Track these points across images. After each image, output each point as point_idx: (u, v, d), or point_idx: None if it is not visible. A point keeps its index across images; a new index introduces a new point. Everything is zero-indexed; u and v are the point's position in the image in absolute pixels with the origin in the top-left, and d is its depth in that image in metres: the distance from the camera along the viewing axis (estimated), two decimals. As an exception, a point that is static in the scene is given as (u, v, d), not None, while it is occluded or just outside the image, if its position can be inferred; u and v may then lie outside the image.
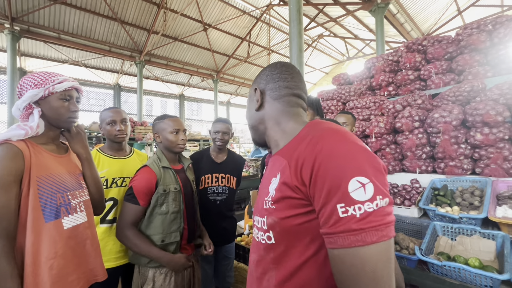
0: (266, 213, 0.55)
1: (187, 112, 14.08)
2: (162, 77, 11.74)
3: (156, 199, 1.21)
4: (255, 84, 0.70)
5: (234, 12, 9.27)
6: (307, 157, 0.48)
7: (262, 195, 0.60)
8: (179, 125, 1.32)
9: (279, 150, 0.61)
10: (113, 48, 9.04)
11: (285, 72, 0.67)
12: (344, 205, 0.42)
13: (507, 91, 1.67)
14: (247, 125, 0.75)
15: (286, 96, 0.65)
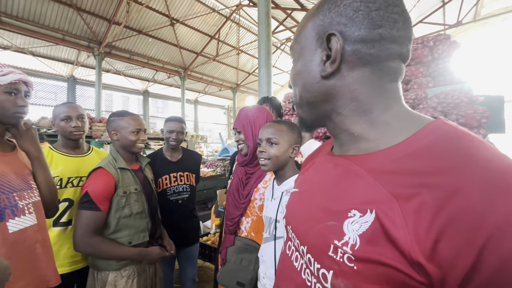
0: (333, 267, 0.34)
1: (151, 109, 13.43)
2: (124, 71, 11.03)
3: (117, 202, 1.16)
4: (325, 22, 0.38)
5: (203, 9, 9.10)
6: (462, 221, 0.25)
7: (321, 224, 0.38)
8: (140, 125, 1.27)
9: (363, 157, 0.37)
10: (67, 37, 8.23)
11: (394, 6, 0.36)
12: None
13: (443, 100, 1.93)
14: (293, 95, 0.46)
15: (388, 60, 0.36)
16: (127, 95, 12.58)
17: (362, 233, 0.32)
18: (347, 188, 0.37)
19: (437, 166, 0.29)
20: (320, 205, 0.40)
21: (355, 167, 0.37)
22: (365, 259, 0.31)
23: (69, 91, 10.19)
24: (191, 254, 1.74)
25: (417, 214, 0.28)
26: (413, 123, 0.35)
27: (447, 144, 0.30)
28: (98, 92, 8.77)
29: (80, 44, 8.58)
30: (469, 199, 0.25)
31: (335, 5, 0.37)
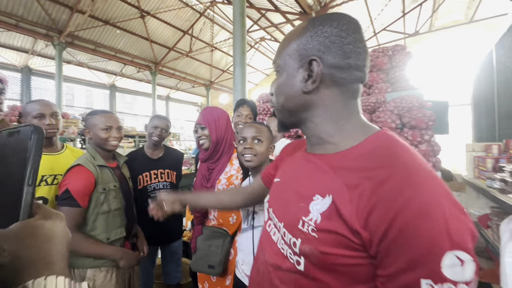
0: (301, 236, 0.45)
1: (119, 105, 12.72)
2: (88, 64, 10.30)
3: (96, 199, 1.18)
4: (307, 46, 0.47)
5: (176, 3, 8.84)
6: (384, 202, 0.37)
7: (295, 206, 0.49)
8: (111, 122, 1.28)
9: (327, 156, 0.49)
10: (21, 23, 7.47)
11: (360, 43, 0.46)
12: (431, 281, 0.33)
13: (399, 104, 2.17)
14: (274, 101, 0.56)
15: (353, 83, 0.48)
16: (91, 89, 11.76)
17: (322, 212, 0.44)
18: (315, 179, 0.48)
19: (373, 165, 0.42)
20: (295, 191, 0.52)
21: (321, 164, 0.49)
22: (323, 229, 0.43)
23: (23, 82, 9.27)
24: (173, 250, 1.77)
25: (359, 198, 0.40)
26: (364, 132, 0.48)
27: (382, 150, 0.43)
28: (58, 85, 8.10)
29: (36, 31, 7.84)
30: (388, 188, 0.38)
31: (316, 35, 0.46)
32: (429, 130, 2.01)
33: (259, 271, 0.57)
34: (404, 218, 0.35)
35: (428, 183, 0.37)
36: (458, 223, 0.35)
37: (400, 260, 0.35)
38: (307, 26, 0.48)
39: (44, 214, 0.32)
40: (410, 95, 2.18)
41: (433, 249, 0.33)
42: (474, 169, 2.37)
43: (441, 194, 0.37)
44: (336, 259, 0.42)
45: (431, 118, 1.98)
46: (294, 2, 6.92)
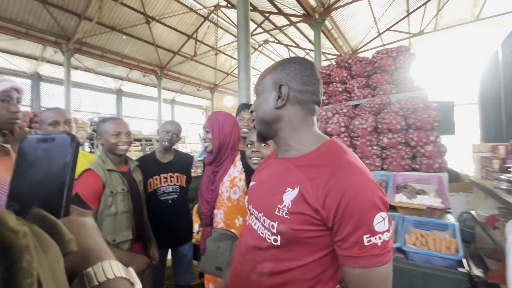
0: (277, 220, 0.61)
1: (125, 109, 12.92)
2: (96, 69, 10.50)
3: (104, 201, 1.22)
4: (278, 77, 0.66)
5: (180, 8, 8.97)
6: (334, 188, 0.54)
7: (271, 198, 0.64)
8: (120, 128, 1.33)
9: (293, 159, 0.65)
10: (31, 31, 7.68)
11: (314, 76, 0.66)
12: (369, 235, 0.52)
13: (404, 105, 2.17)
14: (255, 116, 0.73)
15: (310, 103, 0.66)
16: (98, 94, 11.97)
17: (292, 199, 0.60)
18: (285, 176, 0.65)
19: (325, 163, 0.60)
20: (270, 187, 0.68)
21: (289, 165, 0.66)
22: (294, 212, 0.59)
23: (33, 88, 9.51)
24: (184, 253, 1.80)
25: (317, 186, 0.57)
26: (318, 140, 0.66)
27: (330, 153, 0.62)
28: (67, 91, 8.29)
29: (46, 39, 8.05)
30: (336, 178, 0.56)
31: (285, 69, 0.66)
32: (434, 131, 2.00)
33: (241, 253, 0.71)
34: (347, 197, 0.53)
35: (359, 174, 0.56)
36: (378, 196, 0.54)
37: (348, 226, 0.53)
38: (279, 64, 0.68)
39: (79, 212, 0.36)
40: (415, 96, 2.18)
41: (367, 215, 0.52)
42: (481, 169, 2.35)
43: (367, 180, 0.56)
44: (304, 233, 0.58)
45: (436, 119, 1.98)
46: (297, 5, 6.95)
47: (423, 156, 2.04)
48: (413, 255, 1.39)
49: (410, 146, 2.10)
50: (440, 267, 1.31)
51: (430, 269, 1.33)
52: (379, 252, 0.52)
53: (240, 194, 1.30)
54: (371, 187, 0.55)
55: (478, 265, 1.87)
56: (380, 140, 2.18)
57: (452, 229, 1.52)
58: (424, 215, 1.68)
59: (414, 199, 1.76)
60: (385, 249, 0.53)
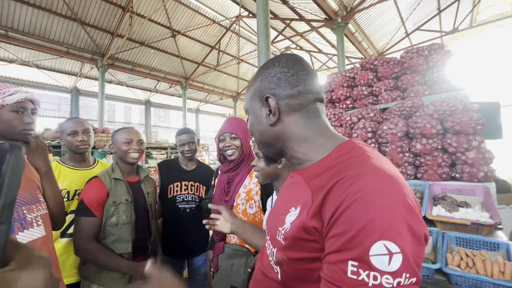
0: (276, 246, 0.50)
1: (153, 119, 13.56)
2: (127, 82, 11.20)
3: (106, 210, 1.21)
4: (261, 88, 0.55)
5: (204, 21, 9.31)
6: (335, 196, 0.40)
7: (277, 220, 0.53)
8: (131, 136, 1.33)
9: (303, 170, 0.53)
10: (71, 50, 8.43)
11: (302, 71, 0.53)
12: (357, 265, 0.35)
13: (439, 108, 1.97)
14: (255, 138, 0.61)
15: (309, 105, 0.53)
16: (129, 105, 12.73)
17: (292, 221, 0.47)
18: (292, 193, 0.54)
19: (334, 170, 0.45)
20: (279, 206, 0.58)
21: (298, 177, 0.54)
22: (289, 236, 0.47)
23: (72, 102, 10.35)
24: (199, 264, 1.75)
25: (317, 197, 0.43)
26: (333, 143, 0.52)
27: (343, 157, 0.47)
28: (101, 103, 8.91)
29: (84, 56, 8.78)
30: (340, 184, 0.41)
31: (265, 77, 0.55)
32: (477, 135, 1.78)
33: (256, 281, 0.62)
34: (347, 203, 0.38)
35: (377, 176, 0.40)
36: (399, 216, 0.36)
37: (336, 241, 0.38)
38: (258, 73, 0.57)
39: (22, 260, 0.24)
40: (452, 97, 1.97)
41: (364, 235, 0.35)
42: (538, 179, 2.04)
43: (386, 188, 0.38)
44: (303, 264, 0.45)
45: (479, 121, 1.75)
46: (318, 10, 6.85)
47: (464, 163, 1.81)
48: (458, 279, 1.20)
49: (448, 152, 1.88)
50: (492, 294, 1.11)
51: (480, 297, 1.13)
52: None
53: (256, 209, 1.21)
54: (391, 197, 0.37)
55: (539, 292, 1.59)
56: (413, 146, 1.99)
57: (505, 248, 1.30)
58: (469, 231, 1.46)
59: (455, 213, 1.55)
60: None
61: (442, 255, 1.32)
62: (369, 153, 0.46)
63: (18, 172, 0.23)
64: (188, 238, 1.66)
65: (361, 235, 0.35)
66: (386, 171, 0.41)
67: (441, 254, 1.33)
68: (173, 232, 1.58)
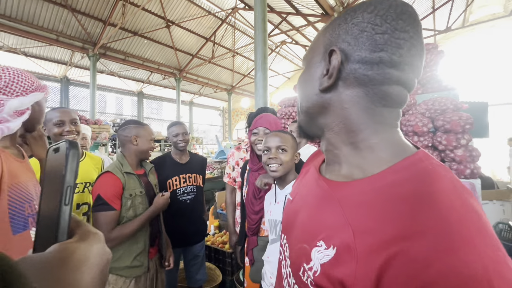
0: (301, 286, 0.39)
1: (146, 111, 13.38)
2: (119, 73, 10.97)
3: (123, 204, 1.23)
4: (332, 37, 0.39)
5: (199, 12, 9.15)
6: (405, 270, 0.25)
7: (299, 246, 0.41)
8: (153, 134, 1.42)
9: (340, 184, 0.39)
10: (61, 38, 8.16)
11: (402, 32, 0.34)
12: None
13: (431, 107, 2.04)
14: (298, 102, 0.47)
15: (385, 84, 0.36)
16: (121, 96, 12.50)
17: (323, 263, 0.34)
18: (322, 214, 0.39)
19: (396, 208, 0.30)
20: (303, 223, 0.43)
21: (330, 193, 0.39)
22: (320, 285, 0.34)
23: (62, 92, 10.09)
24: (196, 253, 1.81)
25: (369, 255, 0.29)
26: (395, 153, 0.36)
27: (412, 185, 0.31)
28: (92, 93, 8.71)
29: (74, 45, 8.52)
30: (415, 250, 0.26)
31: (345, 22, 0.38)
32: (466, 134, 1.86)
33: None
34: (430, 277, 0.24)
35: (477, 249, 0.25)
36: None
37: None
38: (340, 16, 0.40)
39: (82, 234, 0.29)
40: (444, 97, 2.04)
41: None
42: (520, 176, 2.15)
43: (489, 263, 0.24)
44: None
45: (468, 121, 1.83)
46: (315, 4, 6.84)
47: (452, 160, 1.89)
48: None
49: (438, 150, 1.96)
50: (474, 283, 1.19)
51: None
52: None
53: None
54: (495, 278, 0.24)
55: (516, 281, 1.70)
56: (405, 143, 2.06)
57: (488, 241, 1.39)
58: (455, 225, 1.55)
59: (443, 207, 1.63)
60: None
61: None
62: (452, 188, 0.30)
63: (75, 162, 0.28)
64: (188, 227, 1.71)
65: None
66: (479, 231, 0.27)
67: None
68: (174, 223, 1.63)
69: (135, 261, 1.23)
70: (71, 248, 0.26)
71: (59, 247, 0.26)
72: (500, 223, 2.43)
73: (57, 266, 0.24)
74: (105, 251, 0.30)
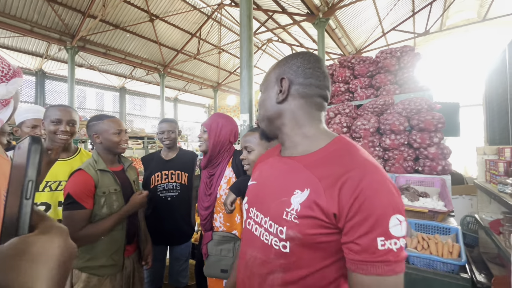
0: (286, 224, 0.56)
1: (128, 107, 12.97)
2: (100, 67, 10.55)
3: (96, 202, 1.20)
4: (280, 71, 0.64)
5: (184, 6, 8.96)
6: (349, 187, 0.50)
7: (277, 201, 0.60)
8: (121, 126, 1.34)
9: (300, 157, 0.61)
10: (36, 28, 7.73)
11: (319, 69, 0.62)
12: (384, 239, 0.47)
13: (407, 106, 2.14)
14: (259, 115, 0.71)
15: (314, 97, 0.62)
16: (102, 92, 12.04)
17: (301, 202, 0.56)
18: (292, 177, 0.60)
19: (337, 161, 0.56)
20: (276, 188, 0.63)
21: (296, 164, 0.61)
22: (303, 216, 0.55)
23: (37, 86, 9.57)
24: (181, 253, 1.79)
25: (330, 187, 0.53)
26: (327, 137, 0.63)
27: (342, 151, 0.58)
28: (70, 88, 8.32)
29: (50, 36, 8.09)
30: (352, 177, 0.51)
31: (287, 64, 0.64)
32: (438, 132, 1.97)
33: (247, 265, 0.66)
34: (364, 196, 0.49)
35: (377, 172, 0.52)
36: (396, 196, 0.51)
37: (362, 227, 0.49)
38: (282, 60, 0.66)
39: (43, 228, 0.29)
40: (419, 97, 2.14)
41: (384, 215, 0.48)
42: (486, 172, 2.30)
43: (385, 179, 0.52)
44: (316, 238, 0.54)
45: (440, 120, 1.94)
46: (301, 4, 6.90)
47: (426, 158, 2.00)
48: (414, 259, 1.36)
49: (413, 147, 2.07)
50: (442, 272, 1.28)
51: (432, 274, 1.30)
52: (393, 259, 0.47)
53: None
54: (389, 186, 0.50)
55: (481, 270, 1.83)
56: (383, 141, 2.15)
57: (455, 233, 1.49)
58: (426, 218, 1.64)
59: (416, 202, 1.73)
60: (399, 257, 0.48)
61: (403, 239, 1.48)
62: (361, 150, 0.58)
63: (37, 157, 0.29)
64: (170, 225, 1.69)
65: (381, 216, 0.48)
66: (377, 166, 0.54)
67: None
68: (156, 220, 1.61)
69: (109, 259, 1.21)
70: (30, 241, 0.26)
71: (18, 240, 0.26)
72: (468, 216, 2.60)
73: (13, 258, 0.24)
74: (67, 244, 0.30)
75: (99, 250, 1.19)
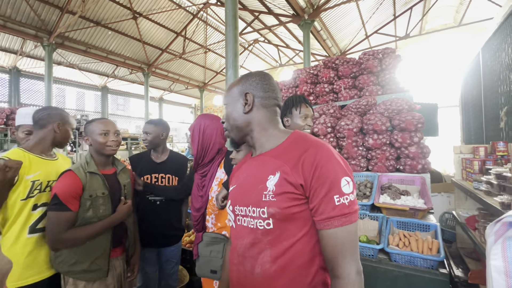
0: (266, 204, 0.67)
1: (111, 107, 12.58)
2: (80, 65, 10.15)
3: (82, 205, 1.17)
4: (243, 87, 0.78)
5: (169, 5, 8.80)
6: (308, 161, 0.65)
7: (256, 189, 0.71)
8: (108, 127, 1.30)
9: (267, 152, 0.75)
10: (9, 23, 7.33)
11: (273, 85, 0.80)
12: (338, 196, 0.61)
13: (389, 107, 2.19)
14: (227, 125, 0.83)
15: (272, 106, 0.79)
16: (82, 91, 11.60)
17: (275, 183, 0.68)
18: (264, 167, 0.73)
19: (296, 146, 0.71)
20: (253, 181, 0.74)
21: (266, 157, 0.75)
22: (279, 193, 0.67)
23: (11, 84, 9.08)
24: (170, 256, 1.74)
25: (294, 165, 0.67)
26: (285, 134, 0.77)
27: (298, 140, 0.72)
28: (48, 87, 7.94)
29: (25, 32, 7.69)
30: (308, 153, 0.66)
31: (247, 80, 0.79)
32: (418, 132, 2.03)
33: (238, 254, 0.75)
34: (320, 165, 0.64)
35: (326, 148, 0.67)
36: (343, 163, 0.66)
37: (322, 190, 0.62)
38: (242, 78, 0.81)
39: None
40: (400, 98, 2.20)
41: (336, 178, 0.62)
42: (462, 171, 2.40)
43: (333, 152, 0.67)
44: (291, 209, 0.66)
45: (420, 120, 2.00)
46: (287, 5, 6.96)
47: (407, 157, 2.06)
48: (396, 256, 1.39)
49: (395, 147, 2.12)
50: (422, 268, 1.31)
51: (412, 270, 1.33)
52: (348, 211, 0.61)
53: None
54: (336, 157, 0.66)
55: (458, 264, 1.91)
56: (366, 141, 2.19)
57: (434, 230, 1.53)
58: (408, 216, 1.69)
59: (398, 200, 1.77)
60: (352, 208, 0.62)
61: (385, 236, 1.51)
62: (312, 136, 0.75)
63: None
64: (159, 228, 1.64)
65: (334, 179, 0.62)
66: (325, 143, 0.70)
67: (384, 236, 1.52)
68: (145, 223, 1.56)
69: (93, 264, 1.18)
70: None
71: None
72: (446, 212, 2.71)
73: None
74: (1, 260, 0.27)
75: (82, 254, 1.16)
